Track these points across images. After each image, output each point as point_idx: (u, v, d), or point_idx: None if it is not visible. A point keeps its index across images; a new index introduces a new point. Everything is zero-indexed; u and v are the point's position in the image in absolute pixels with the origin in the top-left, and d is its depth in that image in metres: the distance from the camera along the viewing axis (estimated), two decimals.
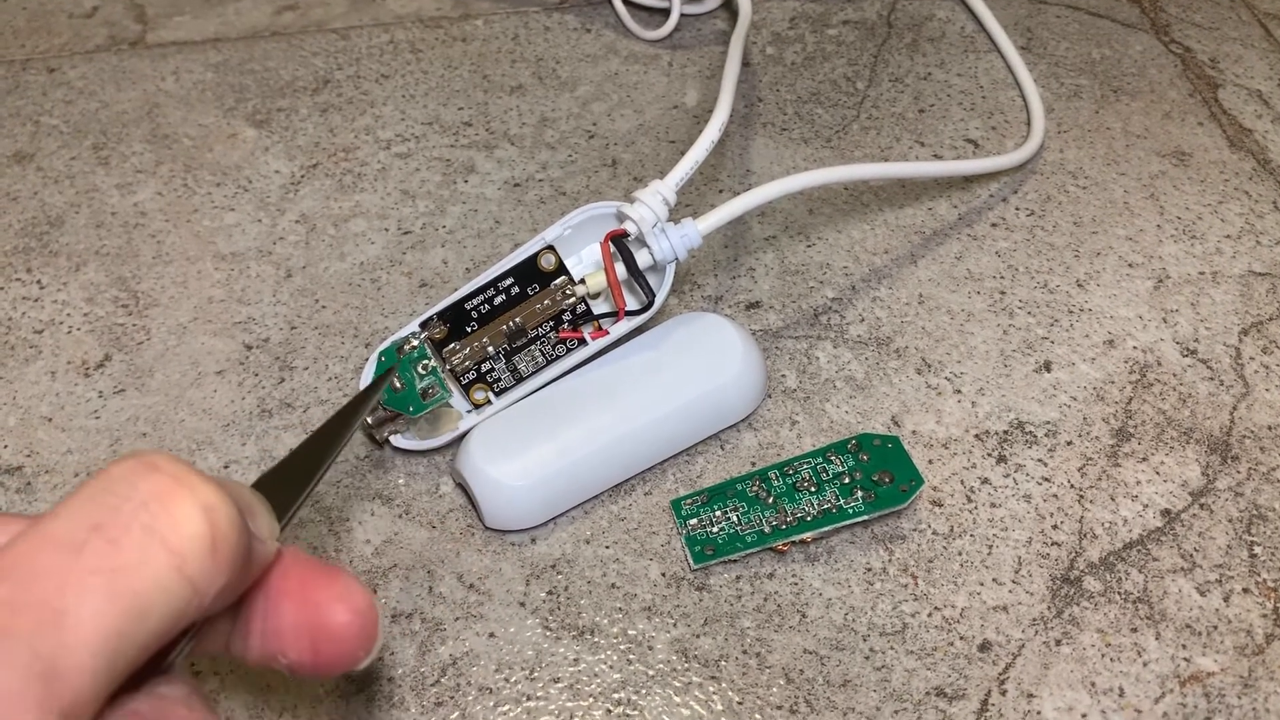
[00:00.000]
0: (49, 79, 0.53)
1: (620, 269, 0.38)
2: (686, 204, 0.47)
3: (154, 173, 0.48)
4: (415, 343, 0.37)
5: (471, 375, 0.38)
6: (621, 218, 0.38)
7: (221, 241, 0.45)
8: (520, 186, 0.48)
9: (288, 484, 0.24)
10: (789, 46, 0.54)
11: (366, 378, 0.37)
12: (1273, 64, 0.53)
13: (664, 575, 0.35)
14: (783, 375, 0.40)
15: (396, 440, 0.38)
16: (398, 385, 0.37)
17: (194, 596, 0.18)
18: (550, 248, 0.38)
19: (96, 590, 0.16)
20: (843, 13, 0.56)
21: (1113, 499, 0.37)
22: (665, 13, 0.54)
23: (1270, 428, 0.39)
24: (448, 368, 0.37)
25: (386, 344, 0.37)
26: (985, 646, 0.33)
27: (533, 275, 0.38)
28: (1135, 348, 0.41)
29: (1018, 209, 0.46)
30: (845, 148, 0.49)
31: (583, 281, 0.38)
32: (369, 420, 0.37)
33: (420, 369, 0.37)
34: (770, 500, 0.36)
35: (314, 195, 0.47)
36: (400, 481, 0.37)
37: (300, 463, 0.25)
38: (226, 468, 0.38)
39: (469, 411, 0.38)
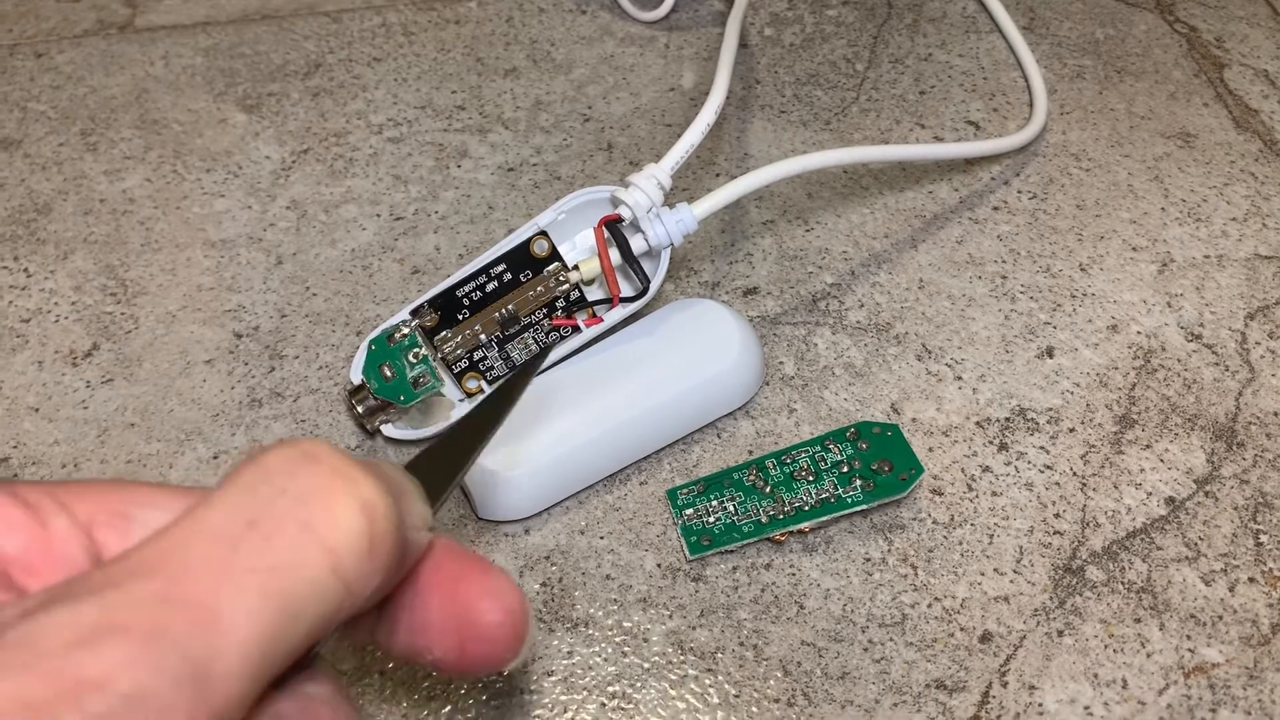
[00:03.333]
0: (37, 64, 0.52)
1: (615, 255, 0.37)
2: (683, 188, 0.46)
3: (143, 159, 0.47)
4: (406, 330, 0.36)
5: (464, 363, 0.37)
6: (616, 202, 0.37)
7: (211, 228, 0.45)
8: (514, 171, 0.47)
9: (440, 466, 0.23)
10: (788, 28, 0.53)
11: (357, 366, 0.37)
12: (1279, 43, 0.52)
13: (659, 566, 0.34)
14: (780, 362, 0.40)
15: (388, 430, 0.37)
16: (388, 375, 0.36)
17: (348, 597, 0.17)
18: (543, 233, 0.37)
19: (251, 590, 0.16)
20: None
21: (1116, 487, 0.36)
22: None
23: (1276, 413, 0.38)
24: (439, 356, 0.37)
25: (377, 332, 0.37)
26: (986, 638, 0.33)
27: (525, 261, 0.37)
28: (1139, 333, 0.41)
29: (1020, 192, 0.46)
30: (844, 130, 0.48)
31: (576, 268, 0.37)
32: (359, 409, 0.36)
33: (411, 357, 0.36)
34: (767, 490, 0.35)
35: (305, 181, 0.46)
36: None
37: (453, 445, 0.23)
38: (215, 458, 0.37)
39: (461, 400, 0.37)
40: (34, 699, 0.14)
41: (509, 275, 0.37)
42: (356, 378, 0.37)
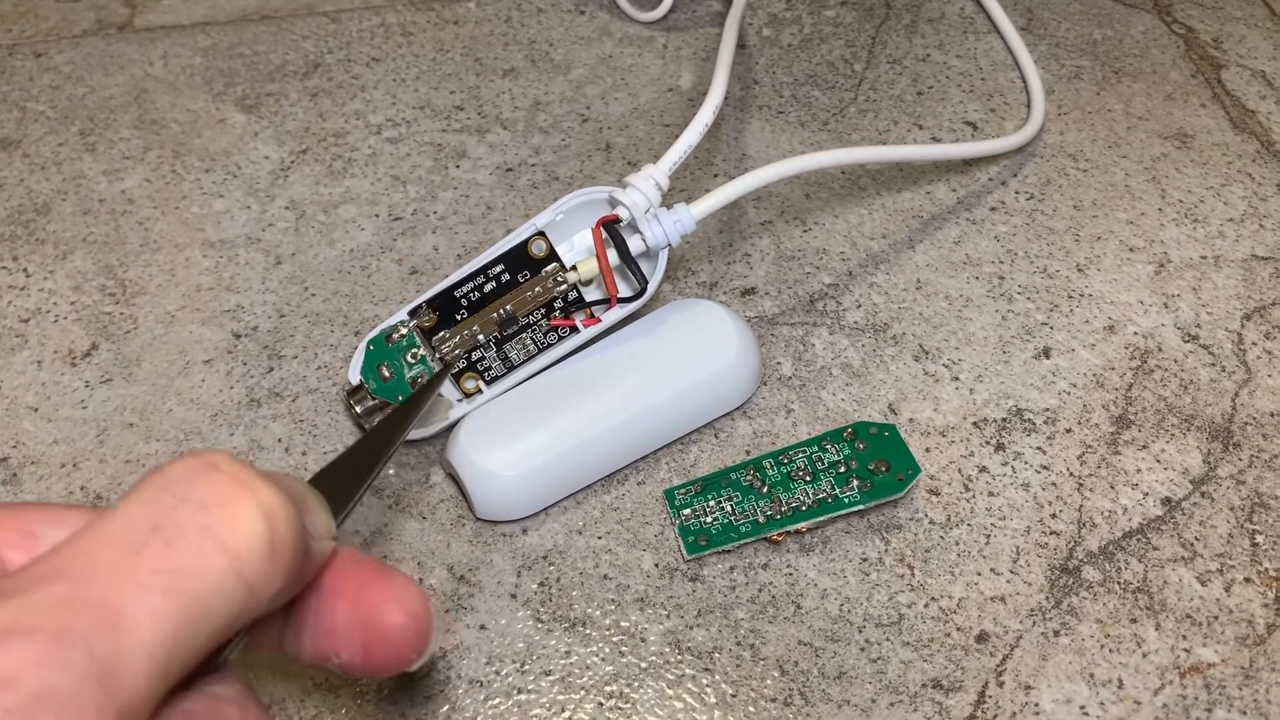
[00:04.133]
0: (36, 64, 0.52)
1: (613, 255, 0.37)
2: (681, 189, 0.46)
3: (142, 159, 0.48)
4: (404, 331, 0.37)
5: (462, 364, 0.37)
6: (614, 203, 0.37)
7: (210, 228, 0.45)
8: (513, 171, 0.47)
9: (344, 480, 0.24)
10: (786, 28, 0.54)
11: (355, 366, 0.37)
12: (1277, 44, 0.52)
13: (657, 566, 0.34)
14: (778, 363, 0.40)
15: None
16: (387, 375, 0.36)
17: (251, 599, 0.18)
18: (541, 234, 0.37)
19: (155, 591, 0.16)
20: None
21: (1112, 487, 0.36)
22: None
23: (1273, 414, 0.38)
24: (438, 356, 0.37)
25: (375, 332, 0.37)
26: (983, 638, 0.33)
27: (523, 262, 0.37)
28: (1136, 333, 0.41)
29: (1017, 192, 0.46)
30: (842, 131, 0.48)
31: (574, 268, 0.37)
32: (357, 410, 0.36)
33: (409, 358, 0.36)
34: (765, 490, 0.35)
35: (303, 181, 0.47)
36: (390, 472, 0.37)
37: (356, 458, 0.24)
38: None
39: (459, 400, 0.37)
40: None
41: (507, 276, 0.37)
42: (355, 378, 0.37)
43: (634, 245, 0.37)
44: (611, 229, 0.37)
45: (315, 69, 0.52)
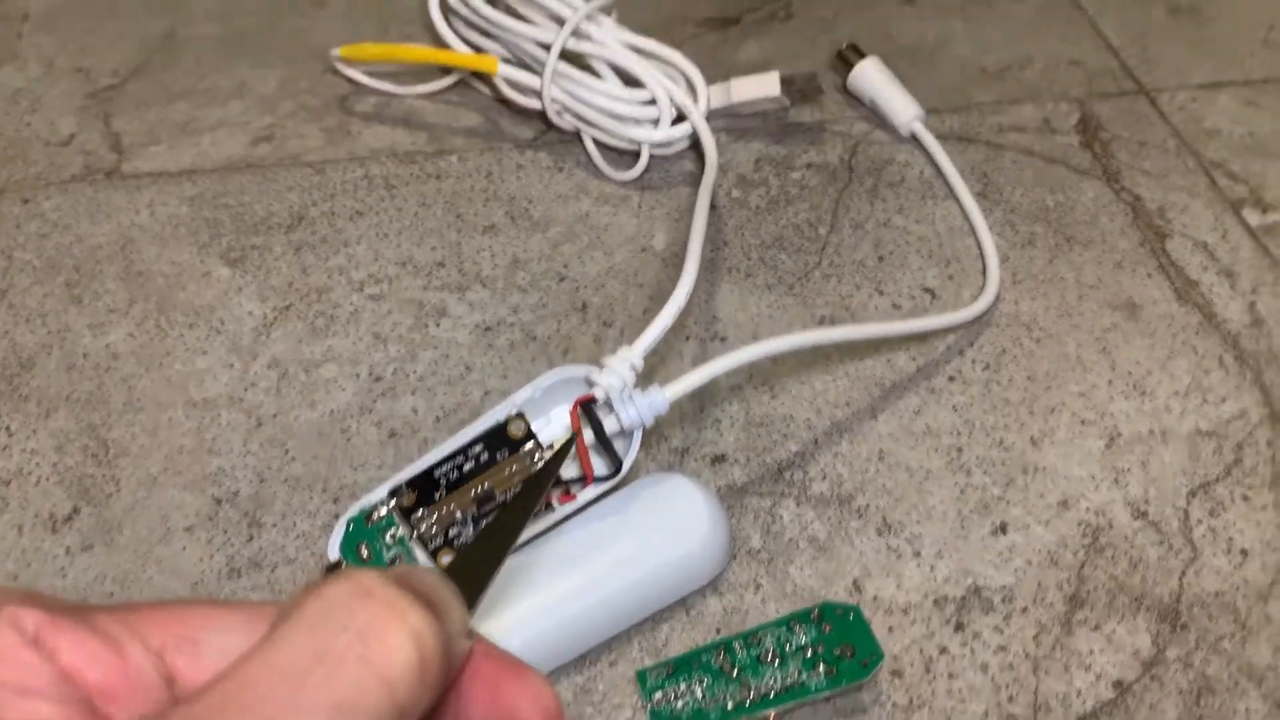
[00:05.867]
0: (23, 210, 0.53)
1: (589, 434, 0.38)
2: (653, 350, 0.48)
3: (127, 312, 0.49)
4: (384, 511, 0.38)
5: (439, 540, 0.38)
6: (590, 384, 0.39)
7: (193, 387, 0.46)
8: (491, 330, 0.49)
9: (475, 566, 0.24)
10: (754, 189, 0.56)
11: (334, 543, 0.38)
12: (1218, 214, 0.55)
13: None
14: (747, 535, 0.41)
15: None
16: (365, 555, 0.37)
17: (400, 719, 0.18)
18: (520, 414, 0.39)
19: None
20: (806, 155, 0.58)
21: (1066, 669, 0.38)
22: (635, 154, 0.56)
23: (1217, 594, 0.40)
24: (415, 534, 0.38)
25: (355, 510, 0.38)
26: None
27: (502, 441, 0.39)
28: (1088, 509, 0.42)
29: (974, 361, 0.48)
30: (807, 295, 0.51)
31: (551, 447, 0.39)
32: None
33: (388, 539, 0.37)
34: (734, 674, 0.36)
35: (286, 339, 0.48)
36: None
37: (487, 542, 0.25)
38: None
39: None
40: None
41: (486, 455, 0.38)
42: (334, 554, 0.38)
43: (609, 425, 0.39)
44: (588, 409, 0.39)
45: (300, 221, 0.53)
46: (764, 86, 0.57)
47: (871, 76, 0.59)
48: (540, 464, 0.38)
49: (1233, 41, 0.65)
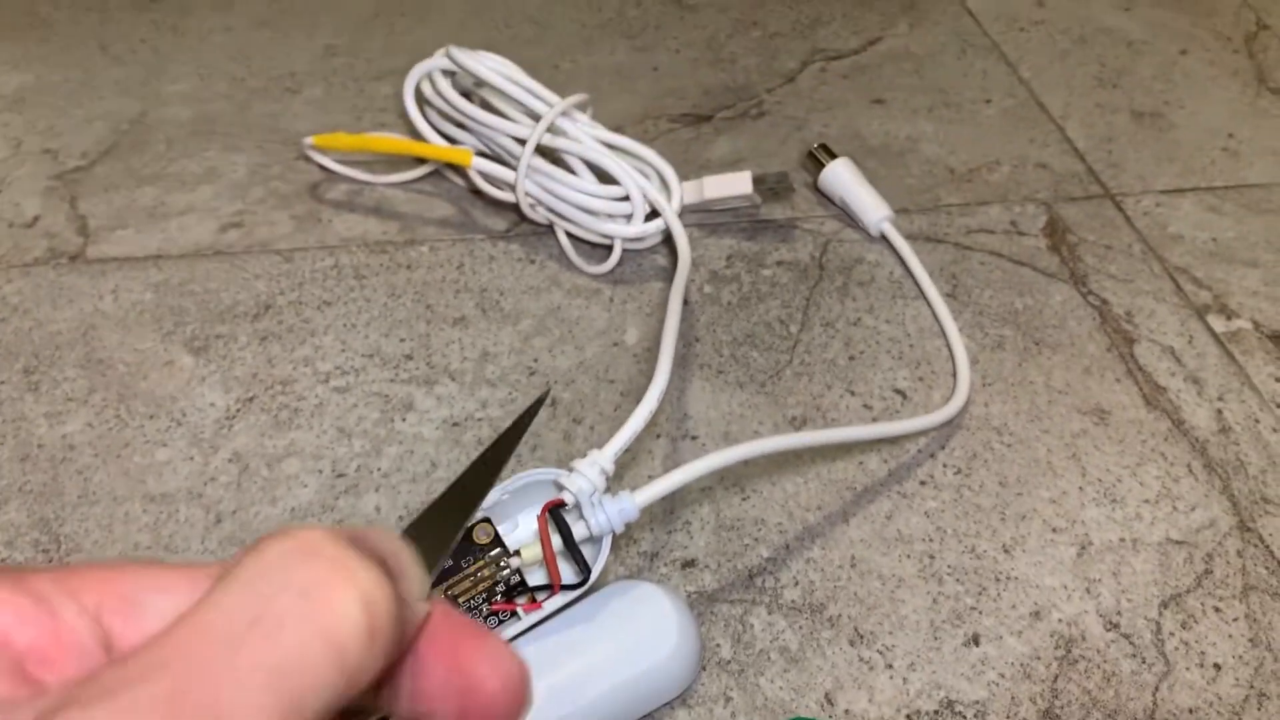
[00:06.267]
0: None
1: (557, 540, 0.38)
2: (624, 448, 0.47)
3: (86, 401, 0.48)
4: None
5: None
6: (559, 487, 0.38)
7: (151, 481, 0.45)
8: (459, 426, 0.48)
9: (436, 529, 0.23)
10: (726, 285, 0.56)
11: None
12: (1184, 320, 0.56)
13: None
14: (717, 645, 0.40)
15: None
16: None
17: (349, 687, 0.17)
18: (487, 520, 0.38)
19: (256, 689, 0.16)
20: (777, 252, 0.58)
21: None
22: (608, 247, 0.56)
23: (1191, 710, 0.39)
24: None
25: None
26: None
27: (468, 547, 0.38)
28: (1060, 620, 0.42)
29: (945, 465, 0.48)
30: (779, 394, 0.50)
31: (518, 553, 0.38)
32: None
33: None
34: None
35: (248, 431, 0.47)
36: None
37: (447, 506, 0.23)
38: None
39: None
40: None
41: (450, 561, 0.37)
42: None
43: (578, 530, 0.38)
44: (556, 515, 0.38)
45: (266, 310, 0.53)
46: (736, 185, 0.57)
47: (842, 176, 0.60)
48: (499, 556, 0.38)
49: (1195, 148, 0.67)
